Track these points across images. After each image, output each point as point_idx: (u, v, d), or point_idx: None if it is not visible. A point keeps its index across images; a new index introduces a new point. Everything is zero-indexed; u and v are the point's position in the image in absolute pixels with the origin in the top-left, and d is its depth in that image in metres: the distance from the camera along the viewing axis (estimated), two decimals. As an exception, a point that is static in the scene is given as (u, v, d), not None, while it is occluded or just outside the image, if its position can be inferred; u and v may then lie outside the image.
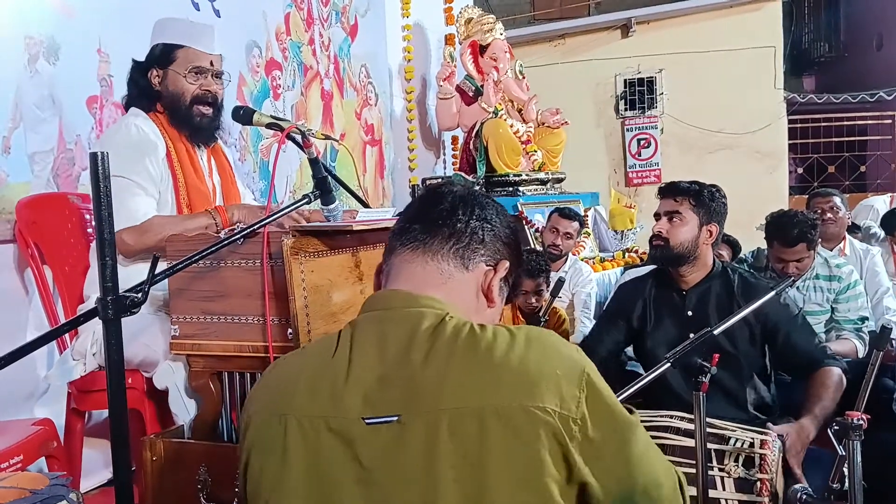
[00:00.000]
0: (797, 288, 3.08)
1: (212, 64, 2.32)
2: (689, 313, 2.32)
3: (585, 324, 3.84)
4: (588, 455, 0.92)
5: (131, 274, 1.96)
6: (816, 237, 2.95)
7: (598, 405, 0.95)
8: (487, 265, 1.09)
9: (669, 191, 2.39)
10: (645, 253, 5.26)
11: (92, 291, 2.24)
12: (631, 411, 1.01)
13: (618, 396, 1.05)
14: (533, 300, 3.26)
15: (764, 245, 3.18)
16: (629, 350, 2.61)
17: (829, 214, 3.66)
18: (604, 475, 0.94)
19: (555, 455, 0.91)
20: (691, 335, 1.80)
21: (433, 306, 1.01)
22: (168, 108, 2.31)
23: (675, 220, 2.33)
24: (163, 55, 2.29)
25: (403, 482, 0.92)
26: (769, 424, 2.00)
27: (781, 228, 2.94)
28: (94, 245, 2.04)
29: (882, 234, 4.42)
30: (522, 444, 0.90)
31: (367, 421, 0.94)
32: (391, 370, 0.96)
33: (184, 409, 1.94)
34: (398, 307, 1.02)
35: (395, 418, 0.93)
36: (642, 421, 1.94)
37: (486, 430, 0.90)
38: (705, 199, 2.33)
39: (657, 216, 2.39)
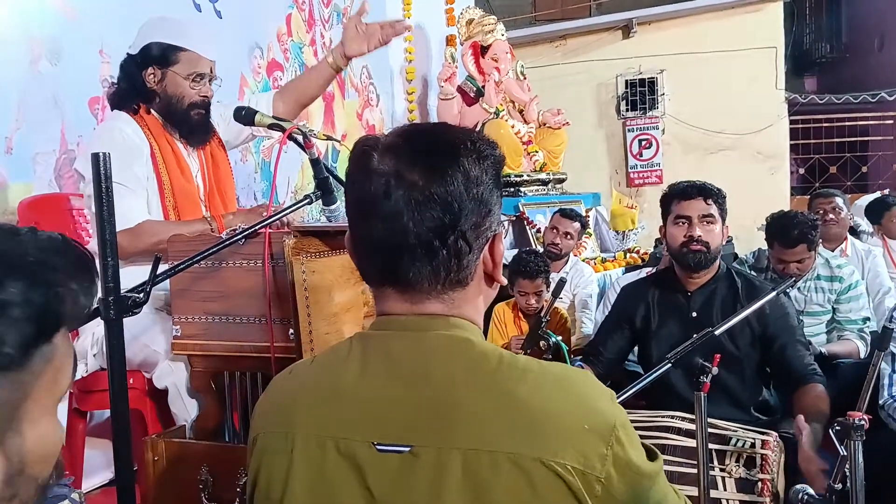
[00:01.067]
0: (798, 289, 3.08)
1: (210, 70, 2.31)
2: (694, 314, 2.31)
3: (587, 324, 3.84)
4: None
5: (124, 276, 1.96)
6: (817, 238, 2.94)
7: (625, 462, 0.90)
8: (483, 252, 0.99)
9: (700, 192, 2.30)
10: (646, 253, 5.26)
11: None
12: (654, 456, 0.96)
13: (619, 397, 1.03)
14: (533, 301, 3.26)
15: (765, 246, 3.18)
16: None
17: (830, 215, 3.66)
18: None
19: None
20: (694, 336, 1.80)
21: (449, 329, 0.96)
22: (162, 109, 2.28)
23: (709, 222, 2.28)
24: (163, 55, 2.25)
25: None
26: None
27: (782, 229, 2.94)
28: (90, 245, 2.03)
29: (870, 228, 4.40)
30: (538, 498, 0.86)
31: (378, 448, 0.90)
32: (406, 394, 0.92)
33: (184, 409, 1.94)
34: (412, 329, 0.96)
35: (408, 449, 0.89)
36: (643, 421, 1.95)
37: (500, 474, 0.86)
38: (724, 200, 2.31)
39: (684, 219, 2.30)
